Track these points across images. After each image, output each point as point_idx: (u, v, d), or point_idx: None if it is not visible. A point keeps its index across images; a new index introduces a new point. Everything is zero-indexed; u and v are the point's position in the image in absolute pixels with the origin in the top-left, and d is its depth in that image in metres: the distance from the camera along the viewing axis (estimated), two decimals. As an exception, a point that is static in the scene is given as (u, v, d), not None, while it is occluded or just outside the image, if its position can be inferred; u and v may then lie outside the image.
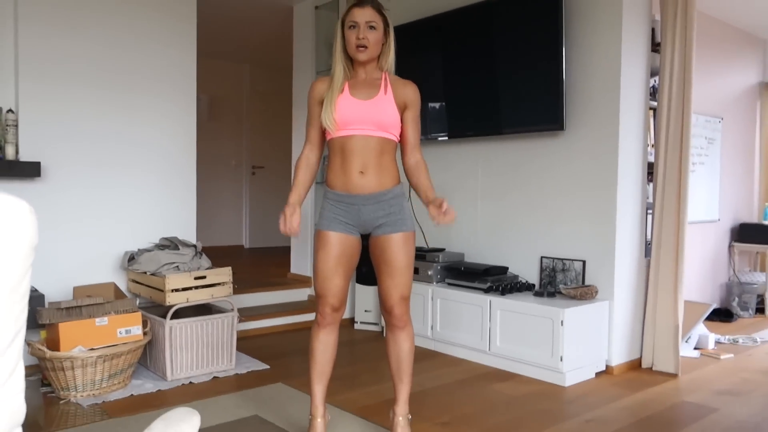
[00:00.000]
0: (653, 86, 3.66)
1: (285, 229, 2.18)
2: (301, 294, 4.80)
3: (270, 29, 5.84)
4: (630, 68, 3.39)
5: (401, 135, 2.29)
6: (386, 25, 2.22)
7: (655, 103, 3.59)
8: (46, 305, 3.07)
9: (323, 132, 2.29)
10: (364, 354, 3.75)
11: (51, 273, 3.39)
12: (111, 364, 2.90)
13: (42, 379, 3.03)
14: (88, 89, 3.52)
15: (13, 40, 3.31)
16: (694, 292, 4.79)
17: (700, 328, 3.92)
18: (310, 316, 4.45)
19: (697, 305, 3.87)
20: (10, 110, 3.23)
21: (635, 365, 3.52)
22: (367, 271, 4.36)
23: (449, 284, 3.83)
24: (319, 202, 4.93)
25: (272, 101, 7.79)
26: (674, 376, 3.36)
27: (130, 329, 2.99)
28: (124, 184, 3.66)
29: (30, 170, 3.21)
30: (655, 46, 3.58)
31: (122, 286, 3.61)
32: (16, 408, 0.76)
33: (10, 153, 3.22)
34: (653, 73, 3.61)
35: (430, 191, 2.26)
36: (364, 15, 2.16)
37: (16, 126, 3.26)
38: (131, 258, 3.50)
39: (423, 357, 3.66)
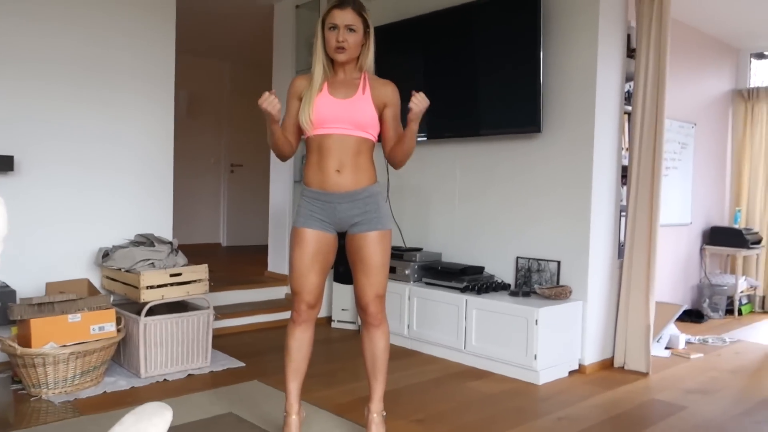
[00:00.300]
0: (628, 91, 3.72)
1: (265, 101, 2.09)
2: (278, 292, 4.79)
3: (250, 27, 5.82)
4: (605, 73, 3.44)
5: (382, 133, 2.30)
6: (366, 26, 2.24)
7: (629, 108, 3.66)
8: (18, 301, 3.03)
9: (299, 128, 2.29)
10: (340, 352, 3.75)
11: (23, 268, 3.35)
12: (83, 361, 2.87)
13: (12, 376, 2.99)
14: (64, 85, 3.47)
15: (-13, 32, 3.26)
16: (667, 293, 4.88)
17: (671, 329, 4.00)
18: (286, 315, 4.44)
19: (669, 306, 3.95)
20: (-17, 103, 3.19)
21: (607, 364, 3.58)
22: (344, 270, 4.36)
23: (426, 283, 3.86)
24: (297, 200, 4.93)
25: (252, 99, 7.75)
26: (645, 375, 3.42)
27: (104, 326, 2.96)
28: (100, 179, 3.63)
29: (2, 164, 3.17)
30: (631, 52, 3.64)
31: (96, 283, 3.57)
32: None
33: (-18, 146, 3.17)
34: (628, 78, 3.67)
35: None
36: (344, 17, 2.17)
37: (-11, 119, 3.22)
38: (105, 254, 3.47)
39: (399, 355, 3.68)
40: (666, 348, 3.95)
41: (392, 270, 3.97)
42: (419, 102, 2.14)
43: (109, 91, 3.65)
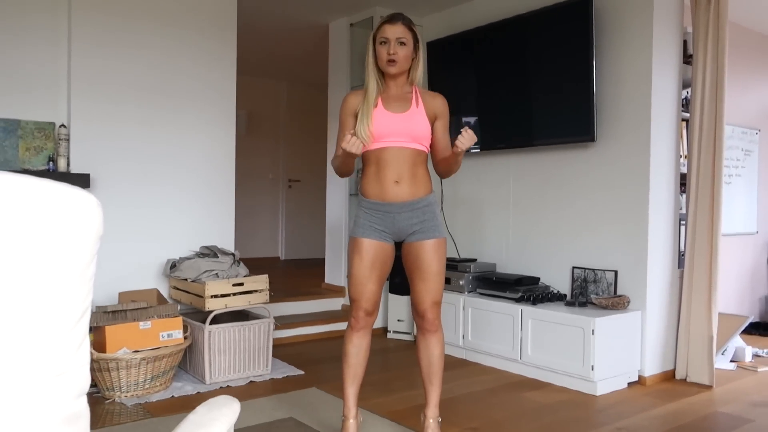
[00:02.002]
0: (686, 98, 3.67)
1: (349, 144, 2.16)
2: (335, 303, 4.89)
3: (306, 47, 6.01)
4: (661, 80, 3.41)
5: (433, 144, 2.38)
6: (416, 40, 2.32)
7: (687, 115, 3.60)
8: (94, 309, 3.23)
9: None
10: (396, 362, 3.81)
11: (98, 279, 3.56)
12: (153, 366, 3.03)
13: (89, 380, 3.18)
14: (134, 105, 3.70)
15: (67, 60, 3.51)
16: (732, 305, 4.72)
17: (737, 341, 3.88)
18: (343, 325, 4.53)
19: (734, 318, 3.83)
20: (62, 125, 3.43)
21: (669, 376, 3.50)
22: (400, 281, 4.43)
23: (481, 294, 3.87)
24: (352, 214, 5.04)
25: (308, 117, 7.97)
26: (709, 387, 3.33)
27: (172, 333, 3.12)
28: (167, 195, 3.83)
29: (80, 182, 3.39)
30: (687, 58, 3.60)
31: (164, 292, 3.76)
32: (83, 378, 0.86)
33: (62, 165, 3.41)
34: (686, 85, 3.62)
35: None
36: (394, 31, 2.26)
37: (68, 140, 3.45)
38: (173, 265, 3.65)
39: (454, 365, 3.71)
40: (731, 361, 3.83)
41: (447, 281, 4.01)
42: (465, 141, 2.16)
43: (175, 112, 3.86)
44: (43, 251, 0.79)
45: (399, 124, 2.27)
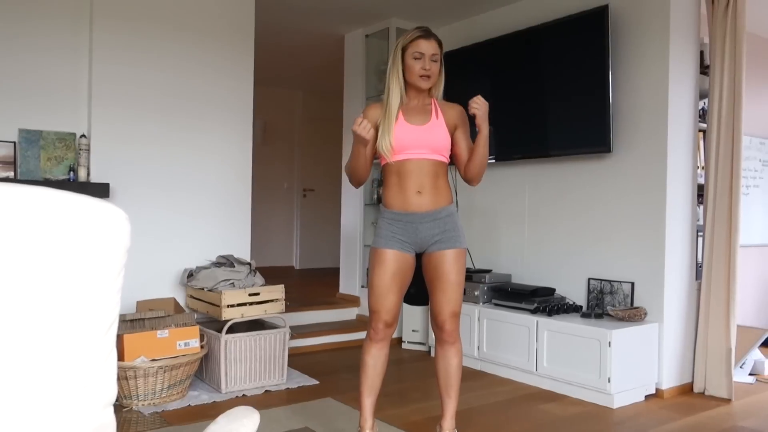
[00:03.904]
0: (703, 108, 3.65)
1: (359, 126, 2.20)
2: (350, 313, 4.90)
3: (322, 57, 6.05)
4: (678, 90, 3.40)
5: (455, 153, 2.40)
6: (442, 56, 2.36)
7: (704, 125, 3.58)
8: (112, 318, 3.26)
9: (372, 155, 2.40)
10: (411, 372, 3.80)
11: (116, 288, 3.58)
12: (171, 375, 3.05)
13: (107, 388, 3.20)
14: (153, 116, 3.74)
15: (88, 72, 3.57)
16: (751, 317, 4.67)
17: (756, 354, 3.83)
18: (358, 335, 4.54)
19: (752, 330, 3.79)
20: (83, 135, 3.48)
21: (687, 389, 3.47)
22: (415, 291, 4.42)
23: (496, 305, 3.86)
24: (367, 223, 5.05)
25: (323, 126, 8.01)
26: (727, 401, 3.29)
27: (189, 342, 3.14)
28: (185, 204, 3.86)
29: (100, 191, 3.43)
30: (705, 69, 3.58)
31: (181, 301, 3.79)
32: (110, 388, 0.88)
33: (82, 175, 3.46)
34: (703, 95, 3.61)
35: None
36: (429, 47, 2.30)
37: (88, 150, 3.51)
38: (190, 275, 3.68)
39: (470, 377, 3.69)
40: (750, 374, 3.78)
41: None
42: (480, 105, 2.25)
43: (193, 123, 3.90)
44: (74, 263, 0.81)
45: (420, 136, 2.29)
